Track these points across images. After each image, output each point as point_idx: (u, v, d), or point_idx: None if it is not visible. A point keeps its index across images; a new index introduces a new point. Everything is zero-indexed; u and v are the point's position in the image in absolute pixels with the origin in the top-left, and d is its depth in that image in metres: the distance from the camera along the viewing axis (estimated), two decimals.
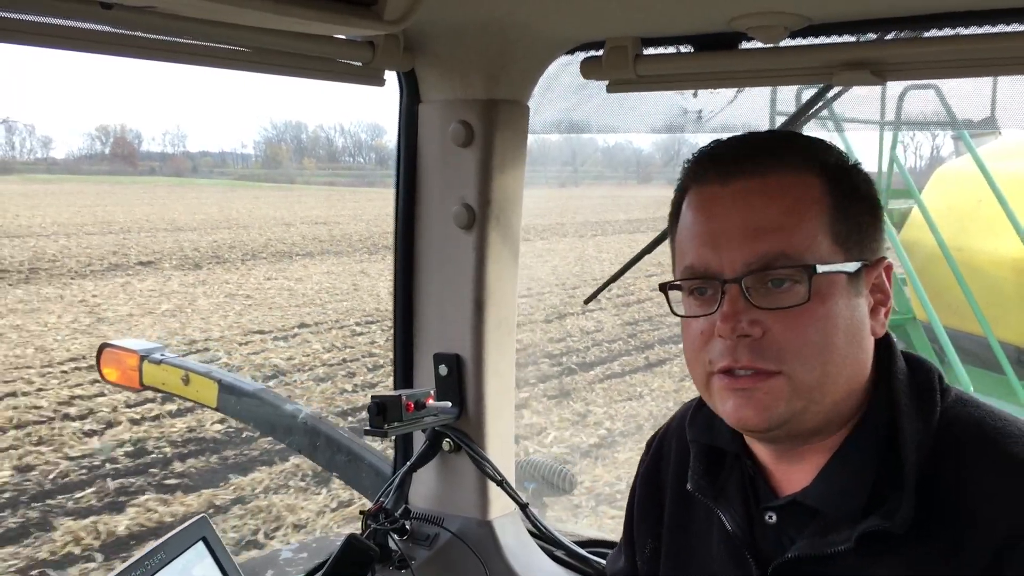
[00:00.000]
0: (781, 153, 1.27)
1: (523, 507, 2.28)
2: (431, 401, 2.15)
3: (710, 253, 1.24)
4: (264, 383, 10.54)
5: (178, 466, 9.13)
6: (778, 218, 1.21)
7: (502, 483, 2.23)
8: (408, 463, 2.27)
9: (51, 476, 8.79)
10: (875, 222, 1.30)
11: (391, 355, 2.40)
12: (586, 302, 2.48)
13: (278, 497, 8.36)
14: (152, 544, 1.60)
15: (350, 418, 10.72)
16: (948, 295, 7.24)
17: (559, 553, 2.33)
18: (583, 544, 2.35)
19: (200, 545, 1.69)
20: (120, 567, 1.53)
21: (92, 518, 7.77)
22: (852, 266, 1.23)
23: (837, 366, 1.21)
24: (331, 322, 16.56)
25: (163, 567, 1.59)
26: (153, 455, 9.46)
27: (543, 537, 2.34)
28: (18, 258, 25.25)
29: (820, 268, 1.20)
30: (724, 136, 1.35)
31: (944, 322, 6.95)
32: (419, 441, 2.31)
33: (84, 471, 8.97)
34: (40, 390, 11.81)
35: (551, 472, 2.59)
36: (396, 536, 2.15)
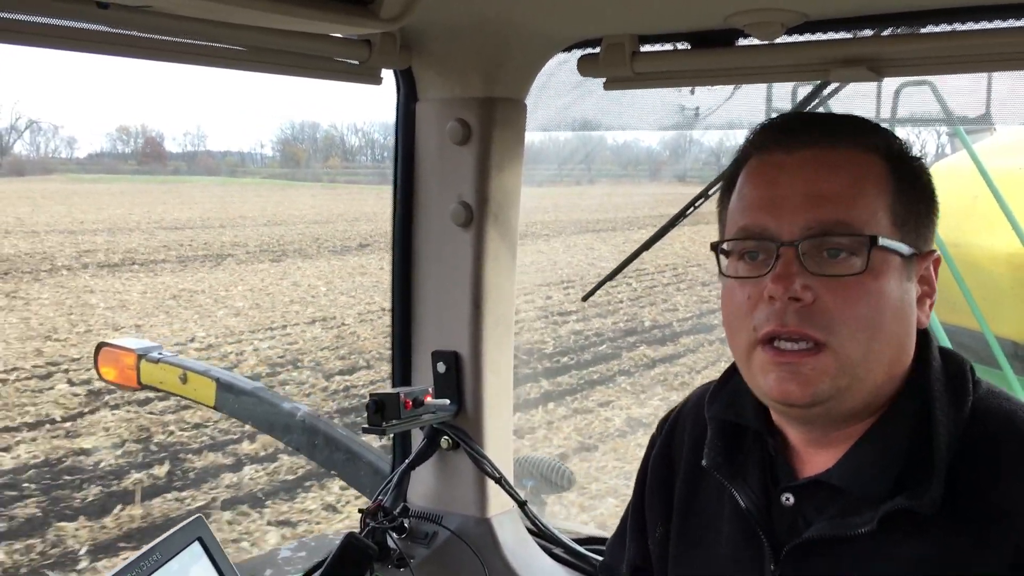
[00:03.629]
0: (848, 130, 1.27)
1: (521, 505, 2.29)
2: (429, 399, 2.15)
3: (767, 216, 1.23)
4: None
5: None
6: (841, 188, 1.21)
7: (500, 480, 2.23)
8: (406, 461, 2.27)
9: None
10: (930, 214, 1.30)
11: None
12: (584, 299, 2.49)
13: None
14: (147, 545, 1.60)
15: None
16: (945, 291, 7.18)
17: (557, 551, 2.33)
18: (581, 542, 2.35)
19: (196, 545, 1.69)
20: (115, 569, 1.53)
21: None
22: (906, 249, 1.23)
23: (882, 344, 1.20)
24: (566, 279, 20.86)
25: (158, 568, 1.59)
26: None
27: (542, 535, 2.34)
28: (251, 244, 28.45)
29: (881, 241, 1.19)
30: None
31: (941, 318, 6.95)
32: (417, 439, 2.31)
33: None
34: None
35: (549, 469, 2.59)
36: (395, 534, 2.15)
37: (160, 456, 8.96)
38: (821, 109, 2.23)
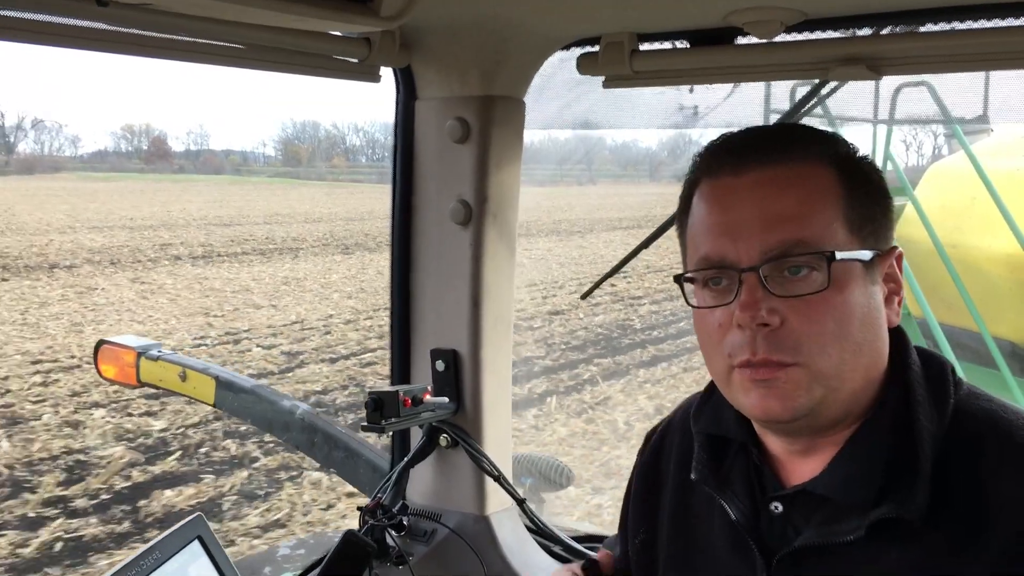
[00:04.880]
0: (793, 144, 1.27)
1: (520, 502, 2.29)
2: (428, 397, 2.15)
3: (726, 243, 1.24)
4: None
5: None
6: (794, 207, 1.22)
7: (499, 478, 2.23)
8: (405, 459, 2.27)
9: None
10: (886, 212, 1.30)
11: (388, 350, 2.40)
12: (583, 297, 2.49)
13: None
14: (147, 544, 1.60)
15: None
16: (943, 291, 7.24)
17: (556, 548, 2.33)
18: (580, 539, 2.36)
19: (195, 544, 1.70)
20: (114, 568, 1.53)
21: None
22: (867, 254, 1.23)
23: (853, 354, 1.21)
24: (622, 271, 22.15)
25: (159, 566, 1.59)
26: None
27: (540, 532, 2.35)
28: (310, 239, 30.81)
29: (839, 255, 1.20)
30: (725, 131, 1.35)
31: (939, 318, 6.95)
32: (416, 437, 2.31)
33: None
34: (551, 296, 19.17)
35: (548, 467, 2.60)
36: (394, 532, 2.15)
37: None
38: (819, 109, 2.24)
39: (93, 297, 18.27)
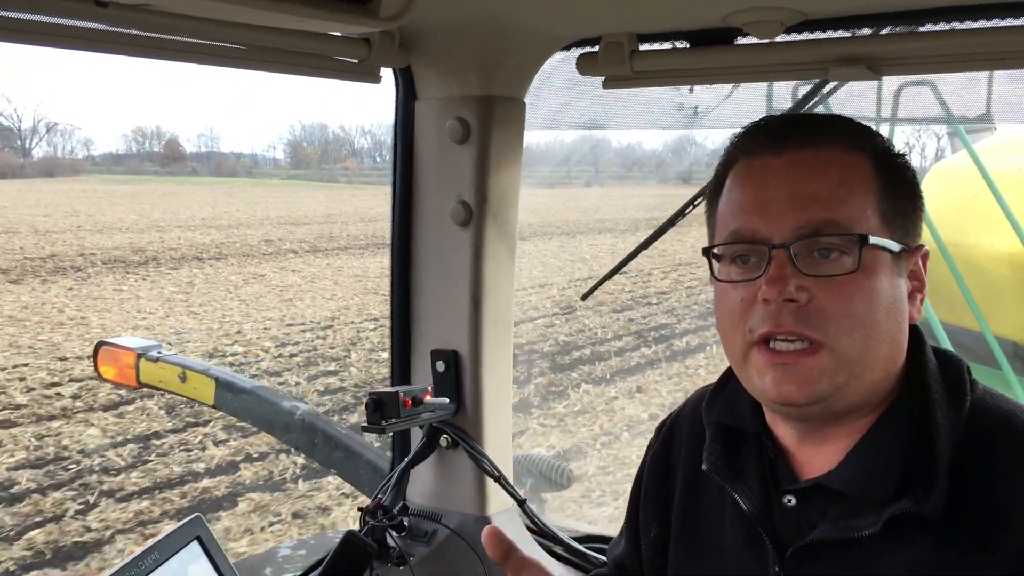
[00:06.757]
0: (833, 130, 1.28)
1: (521, 503, 2.29)
2: (428, 397, 2.15)
3: (758, 219, 1.24)
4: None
5: None
6: (829, 188, 1.22)
7: (500, 479, 2.23)
8: (406, 459, 2.27)
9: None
10: (917, 210, 1.31)
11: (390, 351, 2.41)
12: (583, 298, 2.49)
13: None
14: (146, 544, 1.60)
15: None
16: (945, 291, 7.22)
17: (557, 549, 2.33)
18: (581, 540, 2.36)
19: (194, 544, 1.69)
20: (113, 568, 1.53)
21: None
22: (896, 246, 1.24)
23: (877, 341, 1.21)
24: (682, 263, 24.87)
25: (157, 567, 1.59)
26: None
27: (541, 533, 2.35)
28: (386, 236, 31.86)
29: (871, 239, 1.20)
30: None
31: (941, 318, 6.93)
32: (417, 437, 2.31)
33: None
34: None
35: (549, 467, 2.60)
36: (394, 532, 2.15)
37: None
38: (821, 108, 2.23)
39: (268, 281, 20.88)
